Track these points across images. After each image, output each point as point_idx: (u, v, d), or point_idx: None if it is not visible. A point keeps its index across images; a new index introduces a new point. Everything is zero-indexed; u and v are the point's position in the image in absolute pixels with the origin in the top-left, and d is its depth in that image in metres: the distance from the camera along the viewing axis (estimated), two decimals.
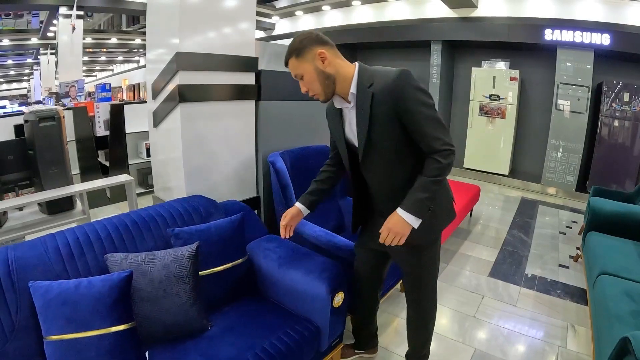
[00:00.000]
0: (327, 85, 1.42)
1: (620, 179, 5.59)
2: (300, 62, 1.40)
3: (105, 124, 4.27)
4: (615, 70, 5.69)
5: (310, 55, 1.39)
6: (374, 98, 1.36)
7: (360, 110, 1.41)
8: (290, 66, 1.44)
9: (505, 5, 6.08)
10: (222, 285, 1.68)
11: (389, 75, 1.35)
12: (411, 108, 1.34)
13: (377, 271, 1.85)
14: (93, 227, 1.55)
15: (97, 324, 1.21)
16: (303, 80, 1.43)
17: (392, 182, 1.49)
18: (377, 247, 1.66)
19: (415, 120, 1.35)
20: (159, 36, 2.20)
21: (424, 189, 1.37)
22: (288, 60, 1.43)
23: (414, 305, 1.77)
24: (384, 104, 1.35)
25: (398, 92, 1.33)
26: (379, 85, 1.35)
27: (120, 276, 1.26)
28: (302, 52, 1.39)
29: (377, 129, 1.40)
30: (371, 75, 1.39)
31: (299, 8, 8.58)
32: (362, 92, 1.39)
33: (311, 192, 1.75)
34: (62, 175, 2.31)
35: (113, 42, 12.72)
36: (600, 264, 2.55)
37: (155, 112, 2.26)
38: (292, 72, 1.45)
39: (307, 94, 1.48)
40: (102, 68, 20.96)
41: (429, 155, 1.38)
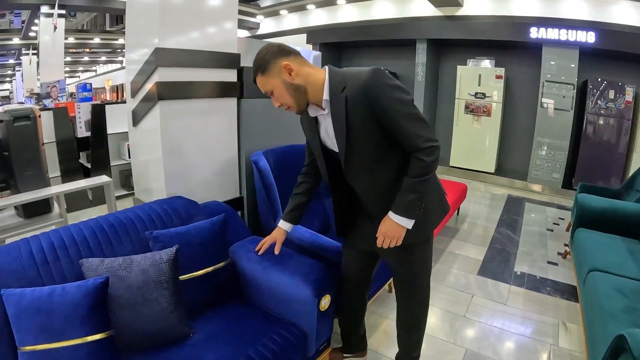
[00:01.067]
0: (299, 97, 1.37)
1: (605, 175, 5.65)
2: (267, 78, 1.35)
3: (87, 125, 4.16)
4: (600, 68, 5.76)
5: (276, 69, 1.34)
6: (347, 102, 1.31)
7: (335, 117, 1.36)
8: (258, 83, 1.39)
9: (490, 4, 6.12)
10: (203, 289, 1.61)
11: (360, 77, 1.30)
12: (387, 107, 1.29)
13: (365, 272, 1.79)
14: (69, 230, 1.48)
15: (72, 333, 1.15)
16: (274, 96, 1.39)
17: (378, 184, 1.45)
18: (365, 247, 1.64)
19: (393, 119, 1.30)
20: (138, 32, 2.13)
21: (412, 190, 1.35)
22: (255, 78, 1.39)
23: (405, 306, 1.74)
24: (358, 107, 1.31)
25: (372, 92, 1.29)
26: (352, 89, 1.31)
27: (96, 282, 1.19)
28: (266, 67, 1.34)
29: (356, 133, 1.35)
30: (342, 79, 1.34)
31: (284, 7, 8.54)
32: (335, 98, 1.34)
33: (293, 208, 1.73)
34: (39, 176, 2.22)
35: (96, 42, 12.52)
36: (591, 261, 2.55)
37: (134, 111, 2.19)
38: (262, 89, 1.40)
39: None
40: (85, 69, 20.66)
41: (411, 154, 1.35)
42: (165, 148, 2.02)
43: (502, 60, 6.40)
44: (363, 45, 7.98)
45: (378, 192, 1.46)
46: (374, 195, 1.48)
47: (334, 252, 1.88)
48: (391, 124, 1.31)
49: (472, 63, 6.50)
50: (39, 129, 2.21)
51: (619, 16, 5.33)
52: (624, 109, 5.48)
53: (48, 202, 2.30)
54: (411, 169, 1.35)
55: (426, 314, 1.78)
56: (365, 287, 1.87)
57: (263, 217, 2.35)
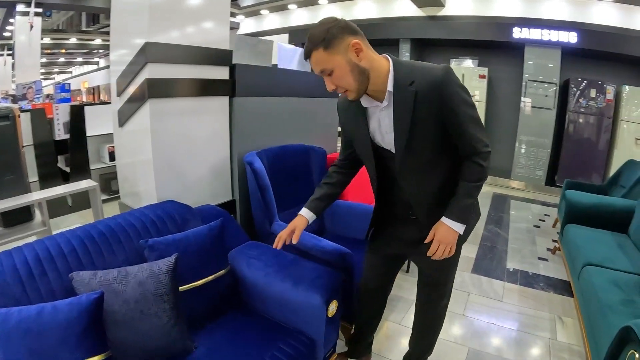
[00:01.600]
0: (362, 81, 1.22)
1: (587, 172, 5.79)
2: (329, 54, 1.18)
3: (65, 127, 3.98)
4: (582, 67, 5.89)
5: (343, 46, 1.18)
6: (416, 97, 1.22)
7: (399, 111, 1.26)
8: (314, 59, 1.20)
9: (472, 4, 6.19)
10: (204, 300, 1.52)
11: (433, 73, 1.23)
12: (457, 108, 1.24)
13: (387, 277, 1.75)
14: (55, 241, 1.35)
15: (66, 356, 1.03)
16: (331, 76, 1.21)
17: (430, 185, 1.39)
18: (394, 251, 1.60)
19: (460, 121, 1.26)
20: (124, 29, 2.02)
21: (469, 194, 1.32)
22: (312, 52, 1.19)
23: (430, 309, 1.70)
24: (427, 104, 1.23)
25: (446, 91, 1.22)
26: (422, 84, 1.22)
27: (90, 298, 1.08)
28: (331, 42, 1.17)
29: (418, 131, 1.26)
30: (410, 72, 1.24)
31: (265, 7, 8.43)
32: (401, 91, 1.24)
33: (321, 197, 1.59)
34: (19, 182, 2.06)
35: (72, 43, 12.13)
36: (584, 255, 2.59)
37: (120, 111, 2.07)
38: (318, 67, 1.21)
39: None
40: (61, 70, 20.05)
41: (469, 158, 1.32)
42: (156, 149, 1.91)
43: (485, 60, 6.47)
44: None
45: (429, 193, 1.40)
46: (425, 196, 1.40)
47: (336, 255, 1.81)
48: (456, 126, 1.27)
49: (455, 63, 6.55)
50: (18, 130, 2.06)
51: (600, 17, 5.47)
52: (605, 107, 5.63)
53: (29, 210, 2.15)
54: (469, 173, 1.32)
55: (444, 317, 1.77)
56: (386, 293, 1.82)
57: (258, 220, 2.26)
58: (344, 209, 2.58)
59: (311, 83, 2.89)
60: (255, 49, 2.50)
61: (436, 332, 1.78)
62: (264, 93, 2.44)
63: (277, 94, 2.55)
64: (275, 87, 2.53)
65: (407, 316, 2.48)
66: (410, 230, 1.48)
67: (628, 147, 5.52)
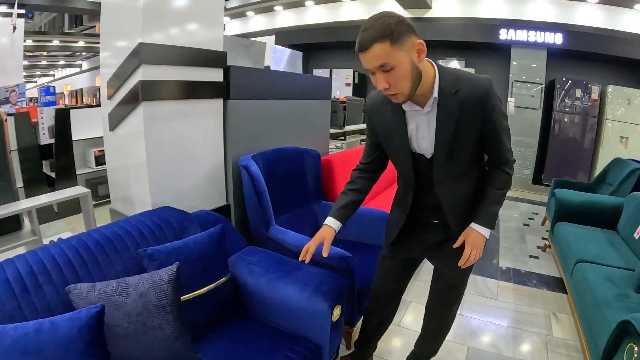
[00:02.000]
0: (415, 85, 1.17)
1: (573, 170, 5.90)
2: (395, 50, 1.08)
3: (50, 131, 3.85)
4: (567, 67, 6.02)
5: (408, 44, 1.10)
6: (462, 106, 1.22)
7: (443, 118, 1.24)
8: (375, 52, 1.09)
9: (459, 6, 6.25)
10: (206, 309, 1.47)
11: (478, 84, 1.23)
12: (496, 120, 1.27)
13: (402, 282, 1.74)
14: (49, 252, 1.29)
15: None
16: (389, 73, 1.12)
17: (462, 191, 1.40)
18: (413, 255, 1.62)
19: (497, 132, 1.29)
20: (116, 31, 1.96)
21: (497, 201, 1.37)
22: (374, 44, 1.08)
23: (443, 311, 1.70)
24: (471, 113, 1.23)
25: (489, 103, 1.23)
26: (469, 94, 1.21)
27: (90, 312, 1.02)
28: (400, 37, 1.08)
29: (459, 139, 1.26)
30: (455, 80, 1.23)
31: (250, 8, 8.38)
32: (447, 98, 1.22)
33: (347, 205, 1.53)
34: (7, 189, 1.97)
35: (55, 45, 11.86)
36: (576, 253, 2.64)
37: (111, 114, 2.01)
38: (377, 61, 1.10)
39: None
40: (43, 73, 19.61)
41: (497, 167, 1.38)
42: (150, 153, 1.86)
43: (472, 61, 6.55)
44: (332, 46, 7.95)
45: (462, 199, 1.41)
46: (458, 202, 1.41)
47: (337, 259, 1.79)
48: (492, 136, 1.30)
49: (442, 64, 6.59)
50: (6, 135, 1.98)
51: (584, 18, 5.59)
52: (590, 106, 5.74)
53: (18, 218, 2.06)
54: (497, 181, 1.37)
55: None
56: (400, 297, 1.81)
57: (254, 225, 2.22)
58: None
59: (304, 85, 2.87)
60: (248, 51, 2.47)
61: (445, 335, 1.79)
62: (257, 95, 2.40)
63: (271, 96, 2.51)
64: (269, 89, 2.50)
65: (405, 317, 2.49)
66: (433, 233, 1.49)
67: (613, 146, 5.66)
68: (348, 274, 1.79)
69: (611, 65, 5.88)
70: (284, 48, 3.31)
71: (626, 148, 5.58)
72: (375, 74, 1.14)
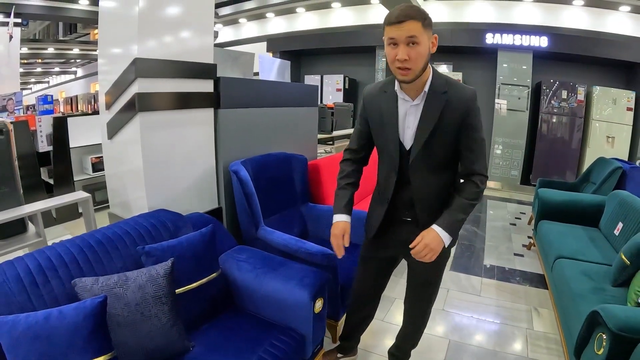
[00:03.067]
0: (423, 69, 1.35)
1: (561, 170, 6.02)
2: (424, 31, 1.28)
3: (48, 139, 3.97)
4: (553, 69, 6.14)
5: (429, 34, 1.32)
6: (446, 104, 1.39)
7: (428, 111, 1.41)
8: (411, 26, 1.26)
9: (447, 11, 6.39)
10: (198, 302, 1.60)
11: (465, 90, 1.41)
12: (473, 126, 1.41)
13: (382, 280, 1.84)
14: (55, 250, 1.42)
15: (75, 358, 1.10)
16: (413, 48, 1.29)
17: (432, 188, 1.50)
18: (392, 254, 1.70)
19: (472, 138, 1.42)
20: (113, 42, 2.09)
21: (463, 210, 1.43)
22: (411, 20, 1.27)
23: (420, 305, 1.79)
24: (453, 113, 1.39)
25: (471, 107, 1.39)
26: (455, 96, 1.39)
27: (94, 302, 1.15)
28: (428, 24, 1.30)
29: (439, 133, 1.41)
30: (445, 83, 1.41)
31: (243, 15, 8.50)
32: (435, 95, 1.40)
33: (350, 200, 1.64)
34: (13, 195, 2.10)
35: (50, 52, 11.95)
36: (556, 249, 2.74)
37: (109, 124, 2.13)
38: (410, 32, 1.27)
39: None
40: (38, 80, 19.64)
41: (468, 177, 1.47)
42: (146, 160, 1.98)
43: (459, 65, 6.69)
44: (323, 52, 8.08)
45: (433, 195, 1.50)
46: (429, 197, 1.50)
47: (320, 256, 1.92)
48: (467, 141, 1.43)
49: None
50: (12, 144, 2.11)
51: (570, 21, 5.73)
52: (576, 107, 5.88)
53: (23, 222, 2.19)
54: (466, 191, 1.45)
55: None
56: (378, 296, 1.91)
57: (244, 226, 2.35)
58: (325, 213, 2.69)
59: (292, 93, 2.99)
60: (236, 62, 2.60)
61: (422, 329, 1.88)
62: (247, 104, 2.53)
63: (260, 105, 2.64)
64: (258, 98, 2.63)
65: (389, 313, 2.60)
66: (405, 231, 1.57)
67: (600, 145, 5.78)
68: (331, 270, 1.91)
69: (597, 67, 6.02)
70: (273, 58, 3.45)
71: (613, 147, 5.72)
72: (398, 45, 1.30)
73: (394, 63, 1.34)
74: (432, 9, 6.46)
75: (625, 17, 5.64)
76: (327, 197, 2.88)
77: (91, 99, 7.09)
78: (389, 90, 1.48)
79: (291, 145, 2.93)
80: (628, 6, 5.44)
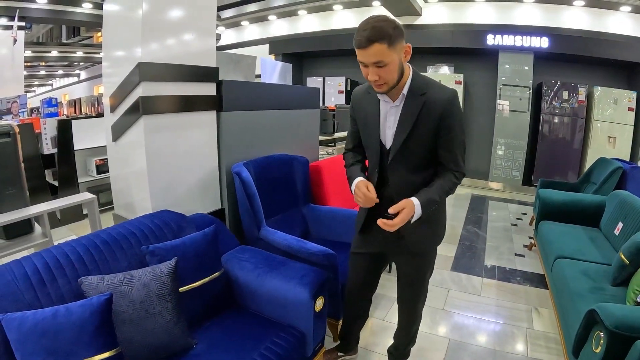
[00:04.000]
0: (398, 80, 1.40)
1: (563, 171, 6.02)
2: (390, 50, 1.29)
3: (53, 141, 4.02)
4: (554, 70, 6.15)
5: (399, 46, 1.32)
6: (424, 106, 1.42)
7: (406, 112, 1.45)
8: (375, 50, 1.28)
9: (448, 13, 6.41)
10: (201, 300, 1.64)
11: (444, 92, 1.43)
12: (452, 127, 1.44)
13: (373, 276, 1.88)
14: (62, 250, 1.46)
15: (81, 353, 1.13)
16: (382, 68, 1.32)
17: (411, 186, 1.52)
18: (379, 250, 1.72)
19: (450, 139, 1.46)
20: (117, 45, 2.13)
21: (439, 192, 1.48)
22: (375, 43, 1.27)
23: (410, 304, 1.82)
24: (431, 114, 1.42)
25: (449, 109, 1.42)
26: (432, 97, 1.42)
27: (100, 300, 1.19)
28: (395, 41, 1.29)
29: (417, 133, 1.45)
30: (425, 84, 1.45)
31: (245, 18, 8.55)
32: (413, 97, 1.44)
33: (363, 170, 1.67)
34: (20, 196, 2.15)
35: (53, 55, 12.03)
36: (556, 249, 2.75)
37: (114, 126, 2.18)
38: (375, 58, 1.30)
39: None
40: (41, 83, 19.78)
41: (447, 170, 1.51)
42: (150, 162, 2.02)
43: (461, 66, 6.70)
44: (325, 54, 8.12)
45: (411, 190, 1.51)
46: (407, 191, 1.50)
47: (321, 256, 1.95)
48: (447, 142, 1.47)
49: (431, 70, 6.76)
50: (18, 146, 2.15)
51: (570, 21, 5.74)
52: (578, 107, 5.88)
53: (30, 222, 2.23)
54: (444, 179, 1.50)
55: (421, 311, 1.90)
56: (372, 291, 1.95)
57: (246, 227, 2.38)
58: (326, 214, 2.73)
59: (293, 95, 3.02)
60: (238, 65, 2.64)
61: (416, 326, 1.92)
62: (248, 107, 2.57)
63: (261, 107, 2.68)
64: (259, 101, 2.66)
65: (390, 313, 2.62)
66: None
67: (601, 145, 5.78)
68: (332, 269, 1.95)
69: (598, 67, 6.02)
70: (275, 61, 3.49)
71: (614, 148, 5.71)
72: (368, 67, 1.35)
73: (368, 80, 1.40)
74: (432, 10, 6.50)
75: (625, 17, 5.64)
76: (328, 198, 2.91)
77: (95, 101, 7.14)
78: (372, 92, 1.53)
79: (293, 147, 2.96)
80: (629, 6, 5.45)
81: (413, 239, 1.58)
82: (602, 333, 1.57)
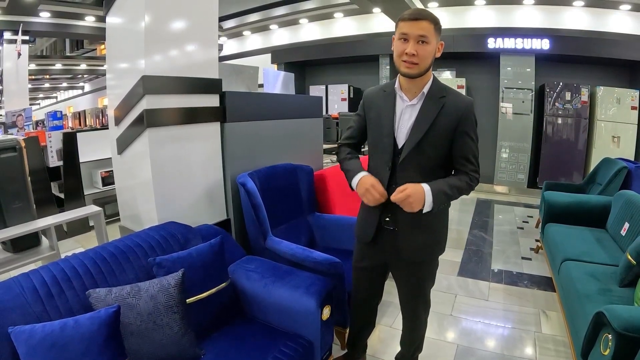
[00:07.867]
0: (427, 68, 1.45)
1: (568, 172, 5.99)
2: (434, 33, 1.40)
3: (58, 154, 4.06)
4: (556, 71, 6.13)
5: (439, 38, 1.44)
6: (443, 108, 1.46)
7: (424, 112, 1.48)
8: (424, 25, 1.38)
9: (448, 17, 6.42)
10: (208, 311, 1.64)
11: (463, 98, 1.52)
12: (468, 132, 1.49)
13: (377, 286, 1.88)
14: (69, 263, 1.47)
15: None
16: (422, 45, 1.39)
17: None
18: (382, 260, 1.72)
19: (466, 144, 1.49)
20: (121, 58, 2.16)
21: (451, 187, 1.47)
22: (425, 20, 1.39)
23: (412, 311, 1.82)
24: (448, 118, 1.46)
25: (467, 114, 1.48)
26: (452, 101, 1.48)
27: (108, 312, 1.20)
28: (439, 30, 1.42)
29: (432, 134, 1.47)
30: (444, 89, 1.51)
31: (247, 28, 8.61)
32: (433, 98, 1.48)
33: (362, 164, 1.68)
34: (27, 209, 2.18)
35: (57, 68, 12.17)
36: (562, 252, 2.74)
37: (119, 139, 2.19)
38: (422, 32, 1.38)
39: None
40: (46, 95, 20.00)
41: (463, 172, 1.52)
42: (155, 174, 2.04)
43: (463, 70, 6.71)
44: (327, 62, 8.14)
45: None
46: None
47: (327, 265, 1.95)
48: (462, 147, 1.50)
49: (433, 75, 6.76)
50: (24, 160, 2.18)
51: (571, 22, 5.73)
52: (581, 108, 5.86)
53: (37, 235, 2.25)
54: (459, 178, 1.51)
55: (427, 318, 1.89)
56: (377, 300, 1.95)
57: (252, 237, 2.38)
58: (332, 222, 2.73)
59: (296, 105, 3.04)
60: (241, 75, 2.66)
61: (421, 333, 1.91)
62: (252, 117, 2.58)
63: (265, 117, 2.69)
64: (263, 111, 2.68)
65: (397, 320, 2.57)
66: (387, 241, 1.63)
67: (606, 145, 5.75)
68: (338, 278, 1.95)
69: (600, 67, 6.00)
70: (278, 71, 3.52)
71: (619, 147, 5.68)
72: (409, 40, 1.40)
73: (401, 56, 1.43)
74: None
75: (626, 16, 5.63)
76: (333, 206, 2.91)
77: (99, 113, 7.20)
78: (389, 90, 1.57)
79: (297, 156, 2.97)
80: (628, 5, 5.44)
81: (411, 248, 1.58)
82: (610, 335, 1.56)
